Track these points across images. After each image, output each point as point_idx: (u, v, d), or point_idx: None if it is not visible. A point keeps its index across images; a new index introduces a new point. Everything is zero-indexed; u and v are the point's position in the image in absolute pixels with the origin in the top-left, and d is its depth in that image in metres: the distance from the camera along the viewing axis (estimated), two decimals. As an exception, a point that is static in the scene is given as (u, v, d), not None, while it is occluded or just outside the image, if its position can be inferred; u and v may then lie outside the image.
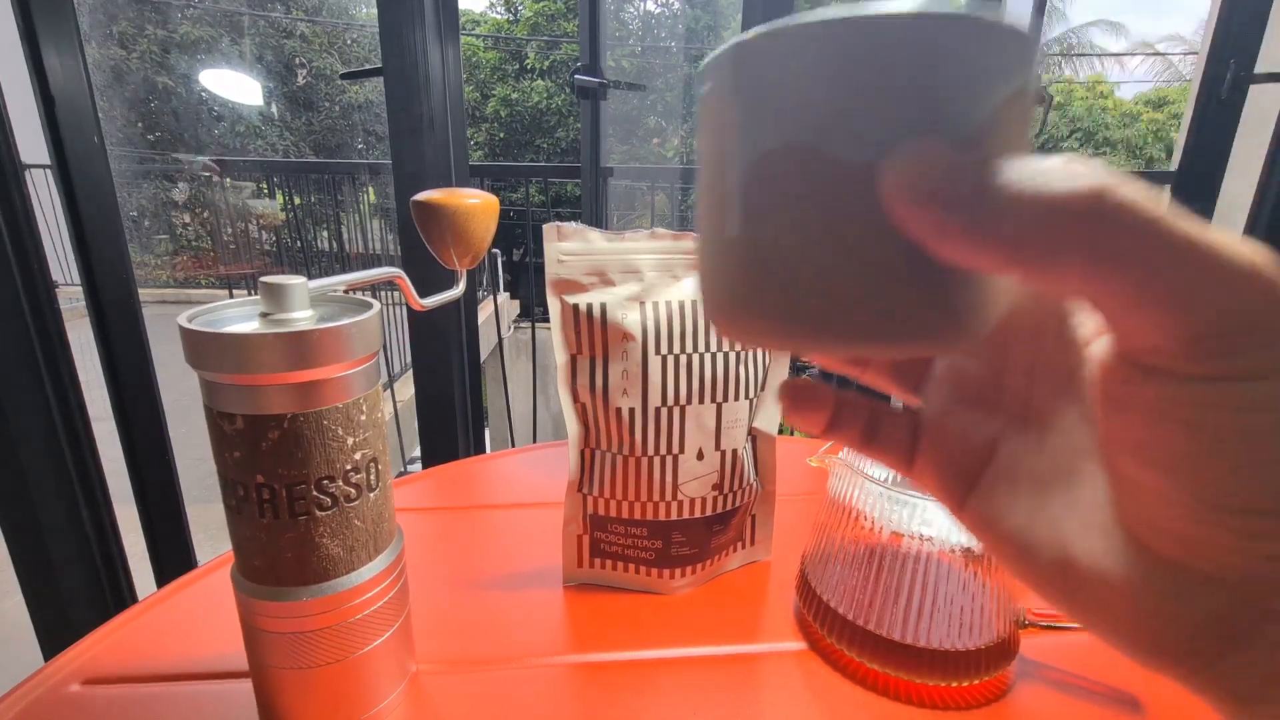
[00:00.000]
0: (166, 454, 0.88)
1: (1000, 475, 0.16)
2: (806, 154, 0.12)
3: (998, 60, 0.12)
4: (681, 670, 0.36)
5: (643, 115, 8.97)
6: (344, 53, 10.10)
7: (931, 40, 0.11)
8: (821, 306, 0.13)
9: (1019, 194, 0.11)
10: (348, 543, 0.29)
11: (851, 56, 0.12)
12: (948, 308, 0.13)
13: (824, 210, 0.13)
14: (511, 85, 10.35)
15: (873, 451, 0.19)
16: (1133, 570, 0.13)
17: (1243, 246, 0.10)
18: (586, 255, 0.38)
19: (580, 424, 0.40)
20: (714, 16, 8.99)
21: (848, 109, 0.12)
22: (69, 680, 0.34)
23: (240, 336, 0.25)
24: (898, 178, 0.11)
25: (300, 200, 3.64)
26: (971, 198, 0.11)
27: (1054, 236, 0.11)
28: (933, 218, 0.11)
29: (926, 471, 0.18)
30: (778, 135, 0.13)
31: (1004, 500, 0.16)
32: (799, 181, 0.13)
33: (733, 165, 0.14)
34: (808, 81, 0.12)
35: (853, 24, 0.12)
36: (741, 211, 0.14)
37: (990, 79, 0.12)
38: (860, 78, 0.12)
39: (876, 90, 0.12)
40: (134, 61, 8.61)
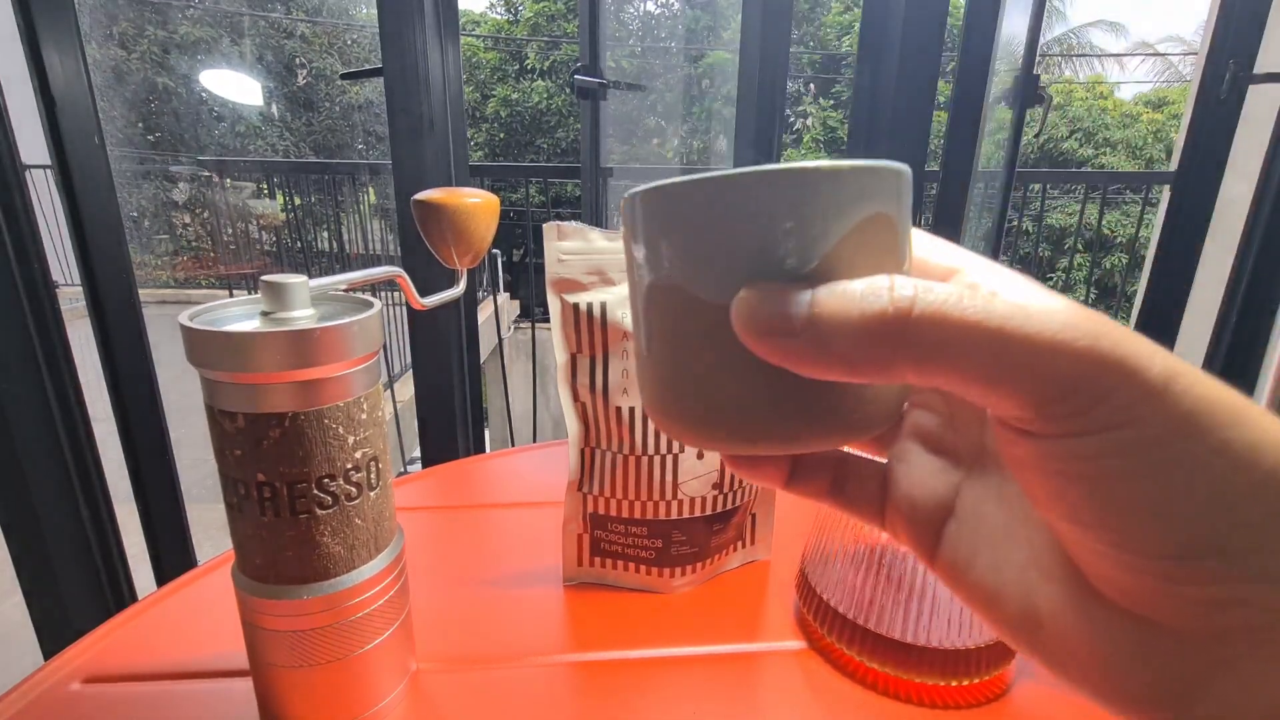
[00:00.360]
0: (167, 453, 0.88)
1: (965, 523, 0.17)
2: (675, 292, 0.15)
3: (828, 203, 0.13)
4: (681, 669, 0.36)
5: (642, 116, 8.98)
6: (344, 53, 10.10)
7: (757, 195, 0.13)
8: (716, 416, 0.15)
9: (829, 322, 0.12)
10: (348, 541, 0.29)
11: (699, 212, 0.14)
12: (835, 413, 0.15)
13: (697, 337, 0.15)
14: (512, 85, 10.35)
15: (842, 504, 0.19)
16: (1092, 620, 0.14)
17: (1057, 315, 0.11)
18: (586, 254, 0.38)
19: (580, 423, 0.40)
20: (714, 17, 8.99)
21: (701, 255, 0.14)
22: (69, 679, 0.34)
23: (242, 335, 0.25)
24: (737, 317, 0.13)
25: (300, 200, 3.64)
26: (799, 329, 0.13)
27: (874, 353, 0.12)
28: (775, 347, 0.13)
29: (897, 523, 0.18)
30: (654, 275, 0.15)
31: (969, 549, 0.16)
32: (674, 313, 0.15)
33: (633, 291, 0.16)
34: (672, 231, 0.15)
35: (699, 185, 0.14)
36: (642, 333, 0.16)
37: (822, 220, 0.13)
38: (708, 229, 0.14)
39: (721, 240, 0.14)
40: (134, 62, 8.61)
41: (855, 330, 0.12)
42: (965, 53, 1.01)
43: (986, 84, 1.03)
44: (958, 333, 0.11)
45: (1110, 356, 0.11)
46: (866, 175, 0.13)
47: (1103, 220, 4.06)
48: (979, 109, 1.03)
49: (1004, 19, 1.02)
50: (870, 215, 0.13)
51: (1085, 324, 0.11)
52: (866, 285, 0.12)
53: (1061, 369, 0.11)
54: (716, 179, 0.13)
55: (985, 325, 0.11)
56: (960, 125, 1.04)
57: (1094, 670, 0.14)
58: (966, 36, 1.01)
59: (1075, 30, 13.51)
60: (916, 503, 0.18)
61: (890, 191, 0.14)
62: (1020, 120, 1.18)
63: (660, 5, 10.52)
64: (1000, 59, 1.10)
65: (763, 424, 0.15)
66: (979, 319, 0.11)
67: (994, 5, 0.99)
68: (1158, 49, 14.13)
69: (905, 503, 0.18)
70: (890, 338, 0.12)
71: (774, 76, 0.99)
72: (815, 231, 0.13)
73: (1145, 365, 0.11)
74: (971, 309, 0.11)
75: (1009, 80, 1.18)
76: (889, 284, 0.12)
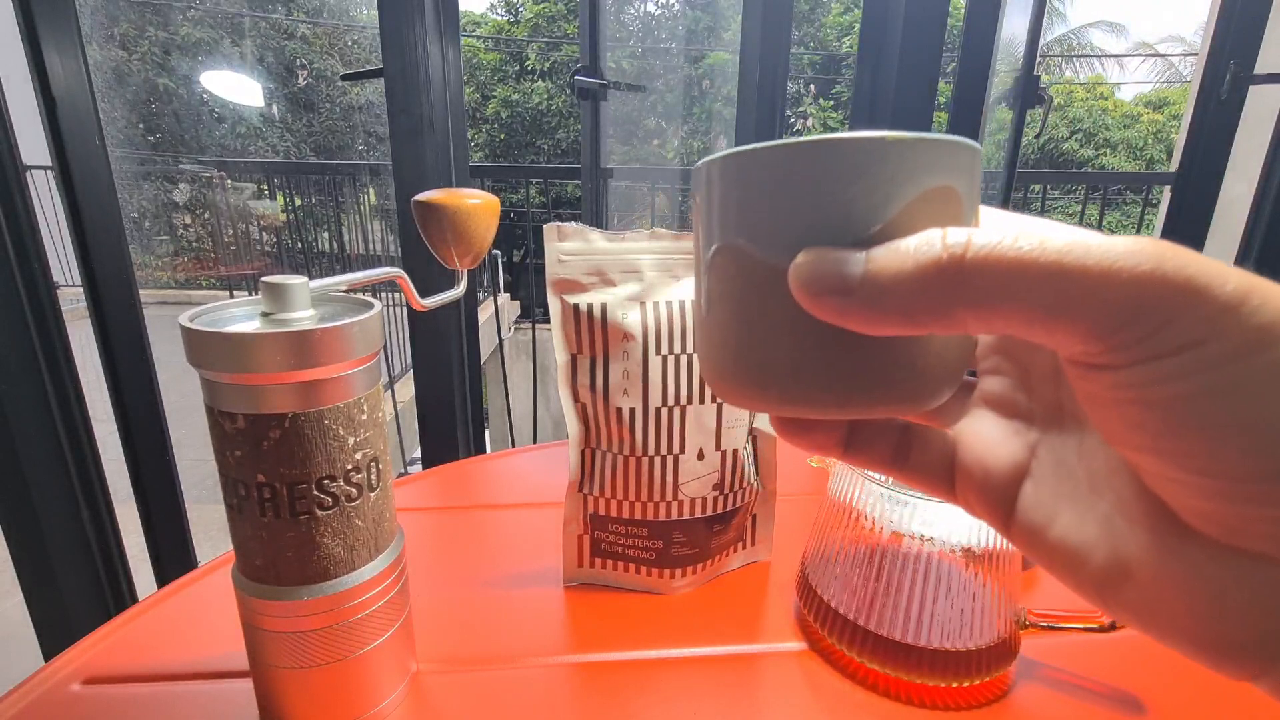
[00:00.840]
0: (167, 454, 0.88)
1: (1044, 483, 0.16)
2: (738, 254, 0.15)
3: (895, 172, 0.14)
4: (682, 670, 0.36)
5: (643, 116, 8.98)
6: (345, 54, 10.11)
7: (824, 161, 0.14)
8: (769, 377, 0.16)
9: (884, 274, 0.13)
10: (348, 542, 0.29)
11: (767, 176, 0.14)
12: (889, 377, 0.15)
13: (755, 299, 0.15)
14: (512, 86, 10.35)
15: (906, 474, 0.19)
16: (1187, 562, 0.13)
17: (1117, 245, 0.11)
18: (587, 255, 0.38)
19: (580, 424, 0.40)
20: (714, 18, 8.99)
21: (765, 218, 0.15)
22: (69, 680, 0.34)
23: (242, 336, 0.25)
24: (794, 278, 0.14)
25: (301, 201, 3.64)
26: (854, 286, 0.13)
27: (931, 301, 0.12)
28: (832, 306, 0.13)
29: (968, 491, 0.18)
30: (719, 238, 0.16)
31: (1048, 509, 0.16)
32: (735, 276, 0.16)
33: (697, 255, 0.17)
34: (739, 195, 0.15)
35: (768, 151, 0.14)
36: (703, 297, 0.17)
37: (886, 188, 0.14)
38: (775, 193, 0.14)
39: (786, 203, 0.14)
40: (135, 63, 8.62)
41: (910, 280, 0.12)
42: (965, 53, 1.01)
43: (987, 85, 1.03)
44: (1014, 270, 0.11)
45: (1176, 278, 0.11)
46: (934, 148, 0.14)
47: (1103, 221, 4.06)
48: (979, 110, 1.03)
49: (1004, 20, 1.02)
50: (936, 188, 0.14)
51: (1148, 249, 0.11)
52: (919, 238, 0.13)
53: (1125, 295, 0.11)
54: (786, 145, 0.14)
55: (1041, 260, 0.11)
56: (961, 126, 1.04)
57: (1192, 618, 0.13)
58: (967, 37, 1.01)
59: (1075, 31, 13.51)
60: (991, 468, 0.17)
61: (957, 166, 0.14)
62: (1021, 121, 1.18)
63: (660, 6, 10.52)
64: (1001, 60, 1.10)
65: (814, 386, 0.15)
66: (1035, 255, 0.11)
67: (994, 6, 0.99)
68: (1158, 49, 14.13)
69: (978, 469, 0.17)
70: (946, 283, 0.12)
71: (774, 77, 0.99)
72: (877, 200, 0.14)
73: (1215, 284, 0.11)
74: (1027, 247, 0.11)
75: (1009, 81, 1.18)
76: (941, 234, 0.12)
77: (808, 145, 0.14)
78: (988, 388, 0.19)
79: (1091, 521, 0.15)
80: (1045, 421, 0.17)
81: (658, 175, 3.83)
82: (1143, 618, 0.14)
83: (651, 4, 10.55)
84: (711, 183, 0.16)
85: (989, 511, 0.17)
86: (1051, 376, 0.17)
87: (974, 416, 0.18)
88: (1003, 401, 0.18)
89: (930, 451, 0.18)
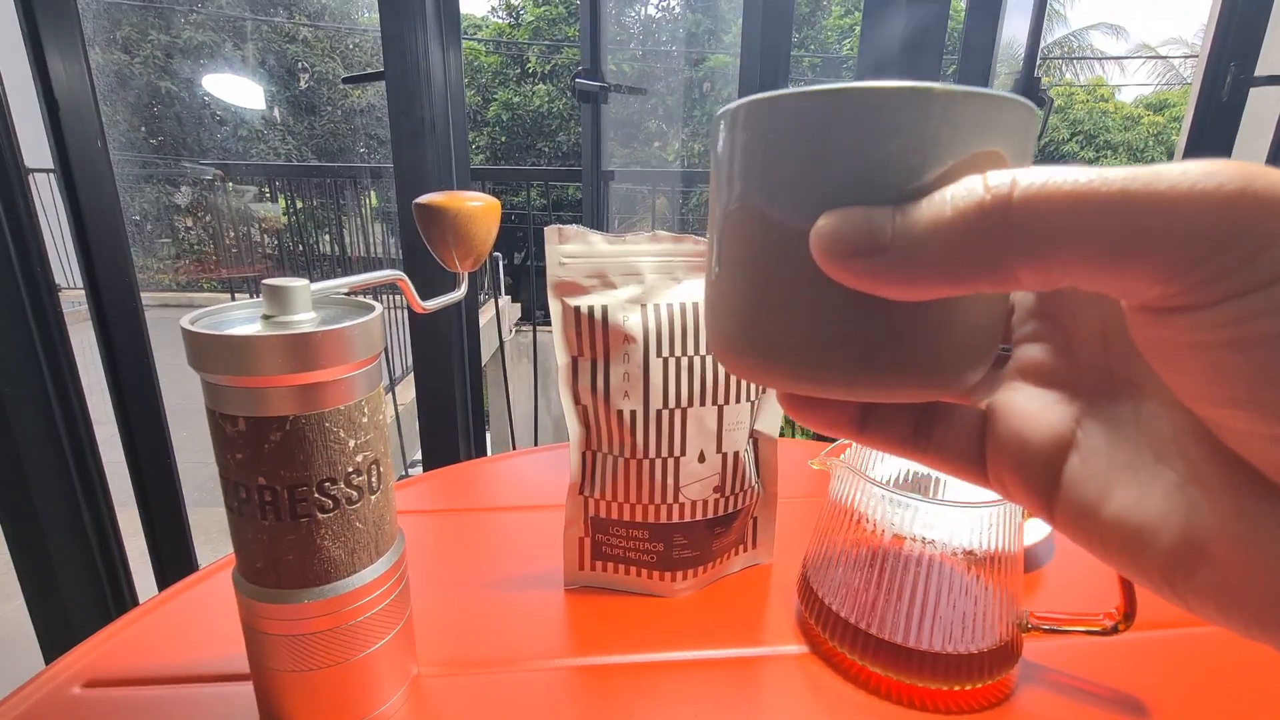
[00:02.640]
0: (168, 457, 0.88)
1: (1094, 457, 0.14)
2: (753, 213, 0.14)
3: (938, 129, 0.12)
4: (683, 673, 0.36)
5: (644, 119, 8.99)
6: (346, 57, 10.13)
7: (860, 112, 0.12)
8: (779, 349, 0.14)
9: (920, 227, 0.11)
10: (349, 545, 0.29)
11: (793, 126, 0.13)
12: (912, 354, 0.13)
13: (770, 263, 0.14)
14: (513, 89, 10.37)
15: (928, 455, 0.17)
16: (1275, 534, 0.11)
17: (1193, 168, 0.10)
18: (588, 258, 0.38)
19: (581, 426, 0.40)
20: (714, 20, 9.01)
21: (786, 174, 0.13)
22: (70, 683, 0.34)
23: (243, 338, 0.25)
24: (818, 239, 0.12)
25: (302, 204, 3.65)
26: (886, 244, 0.12)
27: (976, 251, 0.11)
28: (860, 269, 0.12)
29: (1003, 470, 0.16)
30: (734, 195, 0.14)
31: (1100, 485, 0.14)
32: (749, 237, 0.14)
33: (713, 212, 0.16)
34: (759, 147, 0.14)
35: (796, 98, 0.13)
36: (714, 259, 0.15)
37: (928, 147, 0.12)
38: (800, 146, 0.13)
39: (811, 158, 0.13)
40: (137, 66, 8.65)
41: (950, 229, 0.11)
42: (966, 55, 1.02)
43: (987, 87, 1.03)
44: (1071, 206, 0.10)
45: (1270, 197, 0.09)
46: (984, 106, 0.12)
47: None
48: (980, 112, 1.03)
49: (1004, 22, 1.02)
50: (982, 153, 0.12)
51: (1231, 169, 0.09)
52: (957, 185, 0.11)
53: (1207, 222, 0.09)
54: (814, 92, 0.12)
55: (1103, 191, 0.10)
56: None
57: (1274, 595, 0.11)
58: (967, 39, 1.01)
59: (1076, 33, 13.53)
60: (1029, 444, 0.15)
61: (1008, 128, 0.13)
62: (1021, 123, 1.17)
63: (661, 9, 10.54)
64: (1001, 62, 1.10)
65: (829, 362, 0.14)
66: (1095, 187, 0.10)
67: (995, 8, 0.99)
68: (1159, 51, 14.14)
69: (1014, 444, 0.15)
70: (992, 229, 0.11)
71: (775, 80, 0.99)
72: (915, 161, 0.12)
73: None
74: (1083, 180, 0.10)
75: (1009, 83, 1.18)
76: (982, 178, 0.11)
77: (839, 93, 0.12)
78: (1023, 357, 0.17)
79: (1156, 495, 0.13)
80: (1092, 390, 0.15)
81: (658, 178, 3.84)
82: (1222, 604, 0.12)
83: (652, 7, 10.57)
84: (732, 130, 0.14)
85: (1028, 493, 0.15)
86: (1098, 339, 0.15)
87: (1008, 389, 0.16)
88: (1041, 371, 0.16)
89: (956, 429, 0.16)
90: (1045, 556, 0.48)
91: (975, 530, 0.33)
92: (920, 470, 0.40)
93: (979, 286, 0.11)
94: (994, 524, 0.33)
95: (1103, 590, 0.43)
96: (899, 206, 0.12)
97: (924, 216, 0.11)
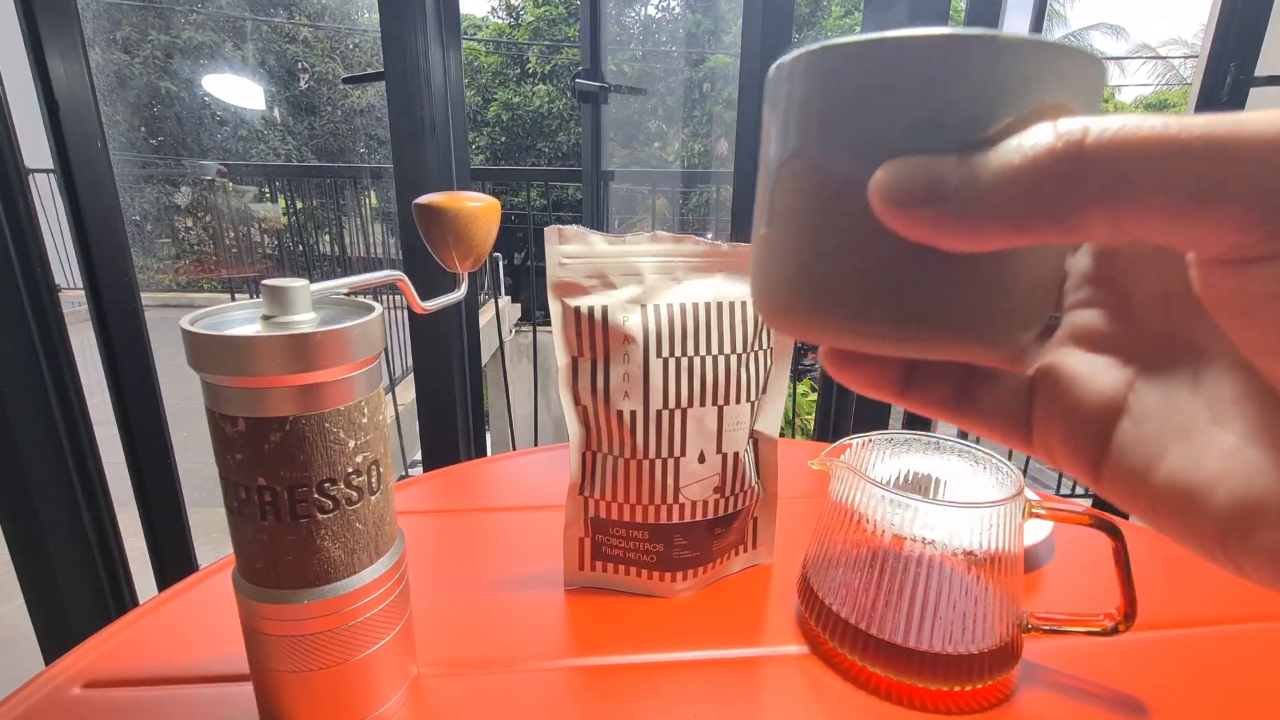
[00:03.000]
0: (168, 457, 0.88)
1: (1147, 420, 0.14)
2: (808, 165, 0.14)
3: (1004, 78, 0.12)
4: (683, 674, 0.36)
5: (643, 119, 8.99)
6: (346, 57, 10.14)
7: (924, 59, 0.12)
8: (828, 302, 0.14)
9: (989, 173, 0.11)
10: (349, 545, 0.29)
11: (850, 76, 0.13)
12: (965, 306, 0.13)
13: (824, 215, 0.14)
14: (513, 89, 10.38)
15: (972, 418, 0.16)
16: None
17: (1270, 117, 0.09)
18: (588, 258, 0.38)
19: (581, 426, 0.40)
20: (714, 21, 9.01)
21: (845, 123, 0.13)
22: (70, 684, 0.34)
23: (243, 339, 0.25)
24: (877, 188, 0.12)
25: (302, 204, 3.65)
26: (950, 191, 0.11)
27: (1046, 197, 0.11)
28: (922, 218, 0.12)
29: (1050, 434, 0.16)
30: (788, 147, 0.14)
31: (1153, 448, 0.14)
32: (803, 190, 0.14)
33: (764, 170, 0.15)
34: (817, 97, 0.13)
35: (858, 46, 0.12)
36: (764, 214, 0.15)
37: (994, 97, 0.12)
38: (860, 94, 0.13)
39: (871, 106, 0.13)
40: (137, 66, 8.65)
41: (1019, 176, 0.11)
42: (966, 56, 1.01)
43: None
44: (1149, 151, 0.10)
45: None
46: (1053, 56, 0.12)
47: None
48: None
49: (1004, 22, 1.02)
50: (1049, 104, 0.12)
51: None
52: (1027, 132, 0.11)
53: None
54: (875, 40, 0.12)
55: (1183, 136, 0.10)
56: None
57: None
58: (967, 40, 1.01)
59: (1076, 33, 13.53)
60: (1080, 409, 0.15)
61: (1077, 81, 0.12)
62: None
63: (661, 9, 10.54)
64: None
65: (880, 315, 0.13)
66: (1174, 132, 0.10)
67: (994, 8, 0.99)
68: (1159, 52, 14.15)
69: (1064, 410, 0.15)
70: (1064, 176, 0.10)
71: (775, 80, 0.99)
72: (980, 112, 0.12)
73: None
74: (1160, 125, 0.10)
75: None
76: (1052, 124, 0.11)
77: (904, 41, 0.12)
78: (1076, 322, 0.16)
79: (1212, 458, 0.13)
80: (1149, 353, 0.15)
81: (658, 178, 3.84)
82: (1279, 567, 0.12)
83: (652, 7, 10.57)
84: (790, 82, 0.14)
85: (1075, 458, 0.15)
86: (1159, 301, 0.15)
87: (1058, 354, 0.16)
88: (1095, 336, 0.16)
89: (1001, 392, 0.16)
90: (1045, 556, 0.48)
91: (975, 530, 0.33)
92: (920, 470, 0.40)
93: (1045, 236, 0.11)
94: (994, 524, 0.33)
95: (1103, 590, 0.43)
96: (963, 154, 0.12)
97: (992, 163, 0.11)
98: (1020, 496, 0.34)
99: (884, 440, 0.40)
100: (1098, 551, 0.47)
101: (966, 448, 0.39)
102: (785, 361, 0.43)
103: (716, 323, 0.39)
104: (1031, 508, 0.34)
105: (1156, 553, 0.49)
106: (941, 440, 0.40)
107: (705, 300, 0.39)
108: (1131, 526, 0.51)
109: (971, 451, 0.38)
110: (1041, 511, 0.34)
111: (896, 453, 0.40)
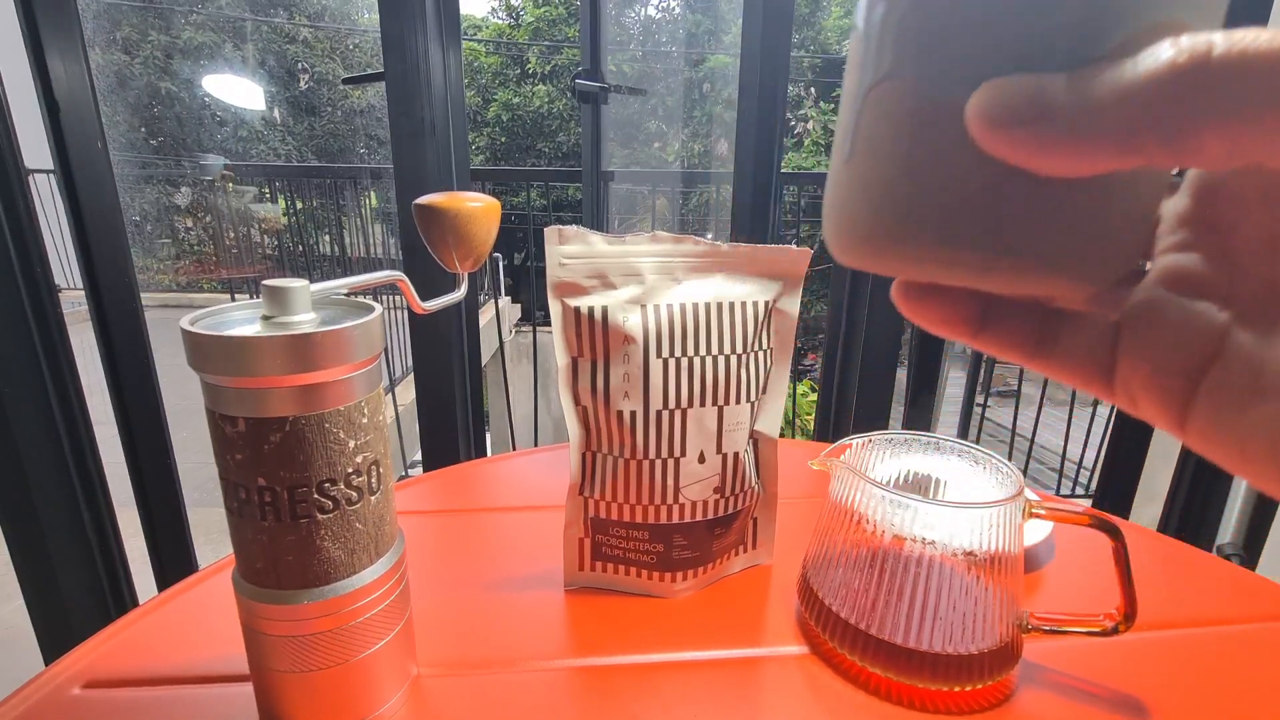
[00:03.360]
0: (168, 457, 0.88)
1: (1241, 366, 0.14)
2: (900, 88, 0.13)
3: None
4: (683, 674, 0.36)
5: (643, 119, 8.99)
6: (346, 58, 10.14)
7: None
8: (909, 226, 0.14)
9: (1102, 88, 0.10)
10: (349, 546, 0.29)
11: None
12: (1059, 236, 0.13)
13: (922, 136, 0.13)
14: (513, 90, 10.38)
15: (1052, 362, 0.16)
16: None
17: None
18: (588, 258, 0.38)
19: (581, 426, 0.40)
20: (714, 21, 9.02)
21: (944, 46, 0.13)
22: (70, 684, 0.34)
23: (243, 339, 0.25)
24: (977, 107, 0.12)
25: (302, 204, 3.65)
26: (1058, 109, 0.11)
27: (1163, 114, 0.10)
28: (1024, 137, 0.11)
29: (1136, 385, 0.15)
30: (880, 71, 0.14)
31: (1247, 393, 0.13)
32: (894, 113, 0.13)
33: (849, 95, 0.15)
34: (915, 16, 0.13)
35: None
36: (846, 141, 0.15)
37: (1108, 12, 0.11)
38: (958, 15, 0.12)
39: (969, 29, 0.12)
40: (137, 67, 8.66)
41: (1133, 91, 0.10)
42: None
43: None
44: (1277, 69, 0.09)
45: None
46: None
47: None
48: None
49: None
50: (1166, 23, 0.11)
51: None
52: (1143, 49, 0.10)
53: None
54: None
55: None
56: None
57: None
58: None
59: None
60: (1170, 356, 0.14)
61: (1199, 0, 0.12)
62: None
63: (661, 10, 10.55)
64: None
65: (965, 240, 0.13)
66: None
67: None
68: (1158, 52, 14.13)
69: (1154, 355, 0.15)
70: (1185, 92, 0.10)
71: (775, 80, 0.99)
72: (1091, 29, 0.11)
73: None
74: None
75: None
76: (1172, 40, 0.10)
77: None
78: (1170, 266, 0.15)
79: None
80: (1250, 300, 0.14)
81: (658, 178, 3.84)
82: None
83: (652, 8, 10.58)
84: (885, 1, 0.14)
85: (1161, 405, 0.15)
86: (1265, 244, 0.14)
87: (1149, 298, 0.15)
88: (1191, 280, 0.15)
89: (1085, 335, 0.16)
90: (1045, 556, 0.48)
91: (975, 531, 0.33)
92: (920, 471, 0.40)
93: (1155, 157, 0.10)
94: (994, 524, 0.33)
95: (1103, 590, 0.43)
96: (1071, 73, 0.11)
97: (1104, 79, 0.11)
98: (1020, 497, 0.34)
99: (884, 440, 0.40)
100: (1098, 551, 0.47)
101: (966, 448, 0.39)
102: (785, 362, 0.43)
103: (716, 323, 0.39)
104: (1031, 508, 0.34)
105: (1156, 553, 0.49)
106: (941, 440, 0.40)
107: (705, 300, 0.39)
108: (1131, 527, 0.51)
109: (971, 451, 0.38)
110: (1041, 512, 0.34)
111: (896, 453, 0.40)
